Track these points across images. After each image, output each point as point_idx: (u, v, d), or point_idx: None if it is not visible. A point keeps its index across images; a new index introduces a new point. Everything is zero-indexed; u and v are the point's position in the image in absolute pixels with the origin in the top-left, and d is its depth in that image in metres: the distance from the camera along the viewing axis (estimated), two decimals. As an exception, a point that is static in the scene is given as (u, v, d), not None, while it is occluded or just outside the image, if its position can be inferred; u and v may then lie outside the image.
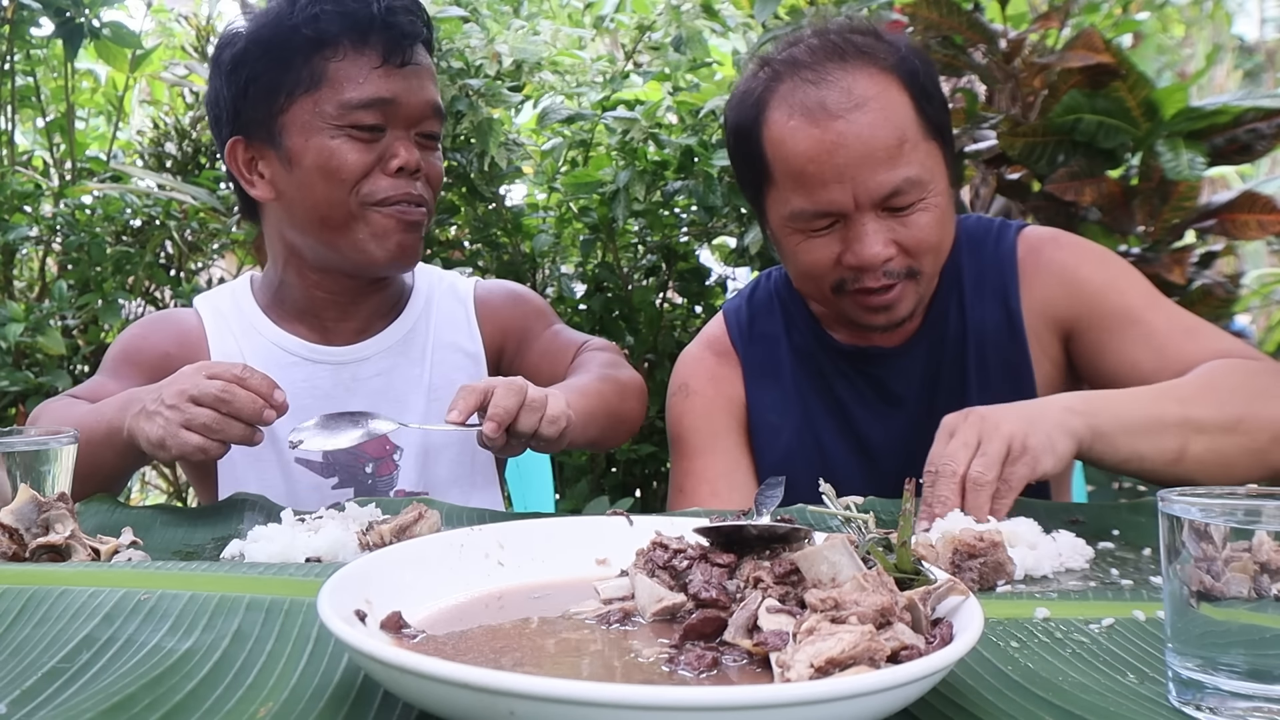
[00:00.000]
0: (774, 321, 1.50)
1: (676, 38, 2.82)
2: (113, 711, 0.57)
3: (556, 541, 0.86)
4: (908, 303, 1.34)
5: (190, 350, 1.46)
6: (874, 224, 1.28)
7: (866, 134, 1.25)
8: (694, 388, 1.50)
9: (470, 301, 1.57)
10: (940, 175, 1.32)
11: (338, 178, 1.34)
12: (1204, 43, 5.39)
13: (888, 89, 1.28)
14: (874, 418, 1.44)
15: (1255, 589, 0.61)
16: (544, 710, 0.50)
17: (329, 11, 1.33)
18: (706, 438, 1.47)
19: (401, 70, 1.34)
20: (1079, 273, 1.38)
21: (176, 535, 1.10)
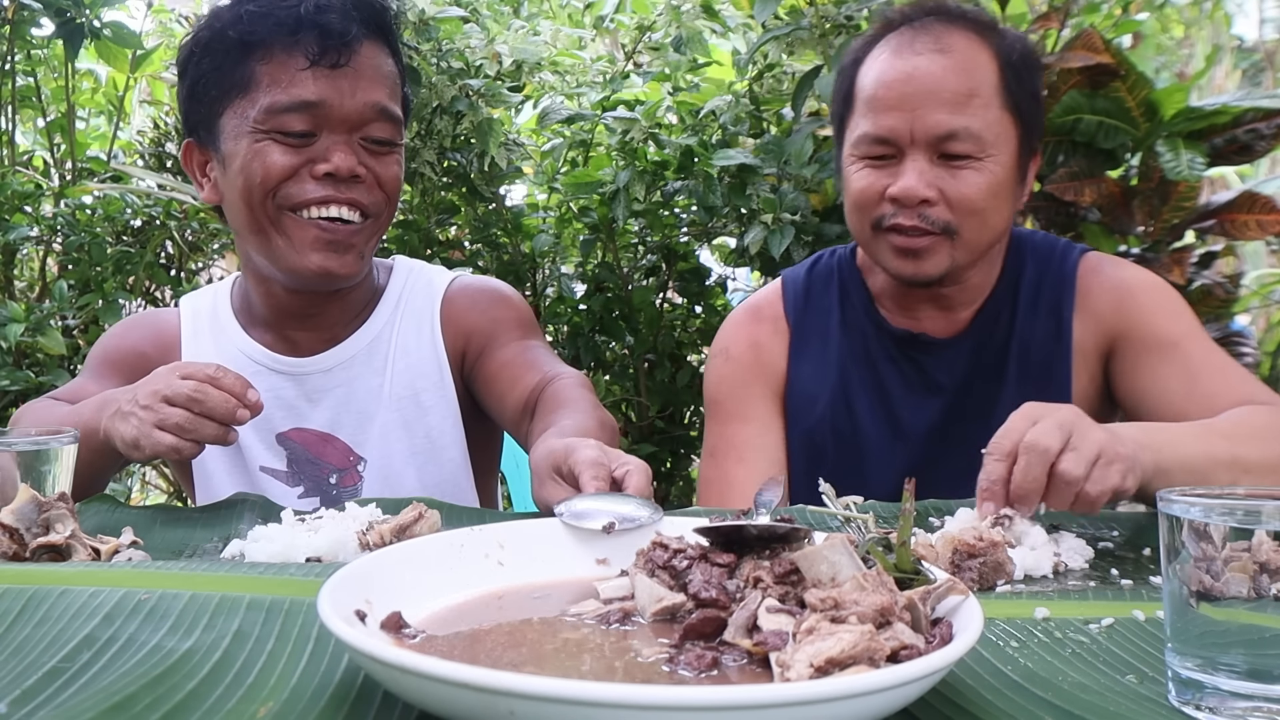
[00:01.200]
0: (829, 295, 1.53)
1: (676, 38, 2.82)
2: (113, 711, 0.57)
3: (556, 541, 0.86)
4: (938, 260, 1.36)
5: (165, 351, 1.46)
6: (924, 164, 1.33)
7: (939, 73, 1.32)
8: (734, 353, 1.55)
9: (438, 301, 1.50)
10: (1005, 150, 1.34)
11: (255, 179, 1.30)
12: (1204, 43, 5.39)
13: (978, 50, 1.35)
14: (914, 402, 1.47)
15: (1255, 589, 0.61)
16: (544, 710, 0.50)
17: (252, 13, 1.29)
18: (741, 404, 1.52)
19: (334, 72, 1.28)
20: (1131, 292, 1.41)
21: (176, 535, 1.10)
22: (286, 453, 1.44)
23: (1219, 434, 1.16)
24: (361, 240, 1.35)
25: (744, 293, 2.92)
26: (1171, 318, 1.39)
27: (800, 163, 2.32)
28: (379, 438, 1.44)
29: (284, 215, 1.32)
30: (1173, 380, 1.33)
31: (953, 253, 1.36)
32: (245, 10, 1.29)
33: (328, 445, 1.44)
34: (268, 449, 1.44)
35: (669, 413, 2.77)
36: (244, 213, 1.33)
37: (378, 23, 1.34)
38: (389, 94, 1.34)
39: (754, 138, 2.59)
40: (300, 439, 1.44)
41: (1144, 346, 1.37)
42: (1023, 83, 1.36)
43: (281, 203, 1.31)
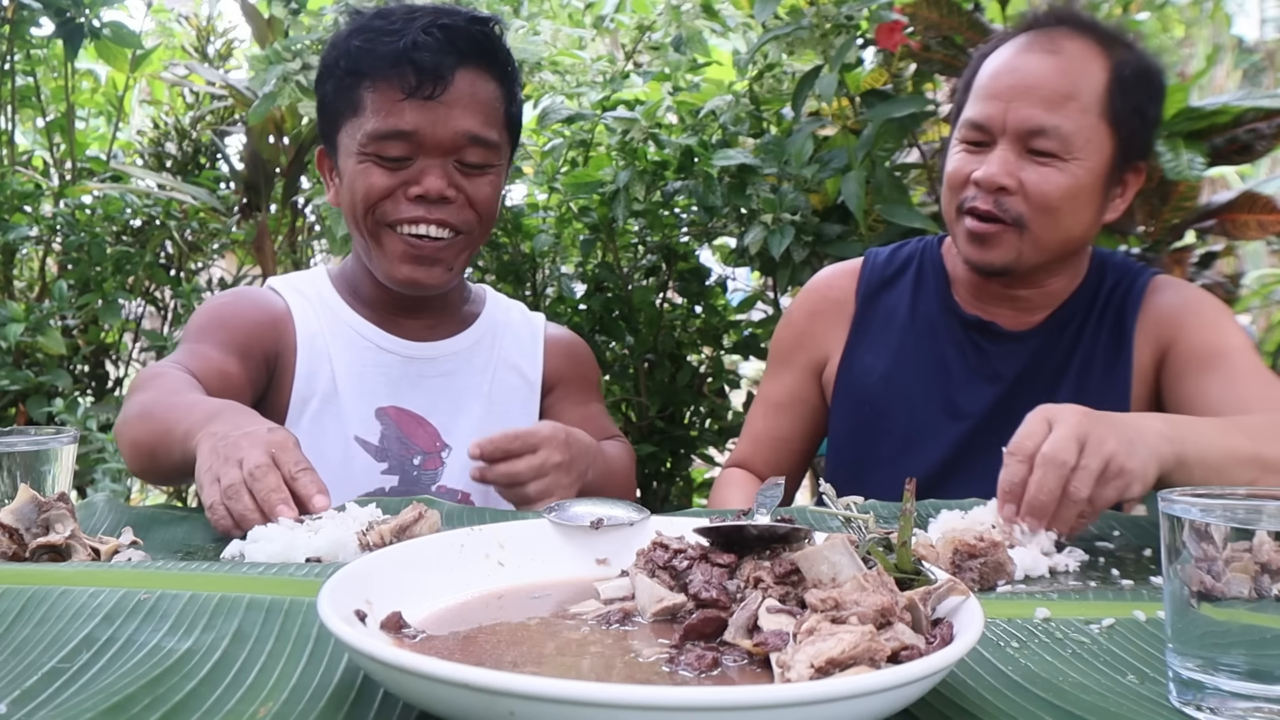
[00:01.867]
0: (906, 279, 1.59)
1: (676, 38, 2.81)
2: (113, 711, 0.57)
3: (556, 541, 0.86)
4: (1004, 250, 1.40)
5: (279, 327, 1.50)
6: (1010, 154, 1.38)
7: (1043, 71, 1.37)
8: (794, 319, 1.67)
9: (540, 334, 1.66)
10: (1097, 155, 1.38)
11: (358, 197, 1.42)
12: (1204, 43, 5.38)
13: (1090, 58, 1.39)
14: (970, 386, 1.51)
15: (1256, 589, 0.61)
16: (544, 710, 0.50)
17: (358, 48, 1.41)
18: (781, 363, 1.66)
19: (428, 103, 1.38)
20: (1188, 305, 1.46)
21: (176, 535, 1.10)
22: (381, 428, 1.51)
23: (1242, 431, 1.17)
24: (450, 255, 1.46)
25: (744, 292, 2.92)
26: (1221, 332, 1.42)
27: (800, 163, 2.32)
28: (467, 431, 1.52)
29: (381, 229, 1.44)
30: (1212, 387, 1.35)
31: (1020, 245, 1.40)
32: (353, 44, 1.42)
33: (419, 428, 1.53)
34: (364, 421, 1.50)
35: (669, 413, 2.76)
36: (350, 222, 1.47)
37: (477, 50, 1.42)
38: (484, 120, 1.43)
39: (754, 138, 2.59)
40: (396, 417, 1.52)
41: (1191, 357, 1.40)
42: (1129, 97, 1.39)
43: (379, 219, 1.43)
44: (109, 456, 2.50)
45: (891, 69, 2.39)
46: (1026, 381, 1.49)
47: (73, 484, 1.10)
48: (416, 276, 1.44)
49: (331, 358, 1.50)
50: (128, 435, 1.28)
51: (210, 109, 3.56)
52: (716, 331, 2.77)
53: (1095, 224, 1.45)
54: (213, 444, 1.09)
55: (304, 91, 2.54)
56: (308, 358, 1.49)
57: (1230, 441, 1.14)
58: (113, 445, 2.50)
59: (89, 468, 2.54)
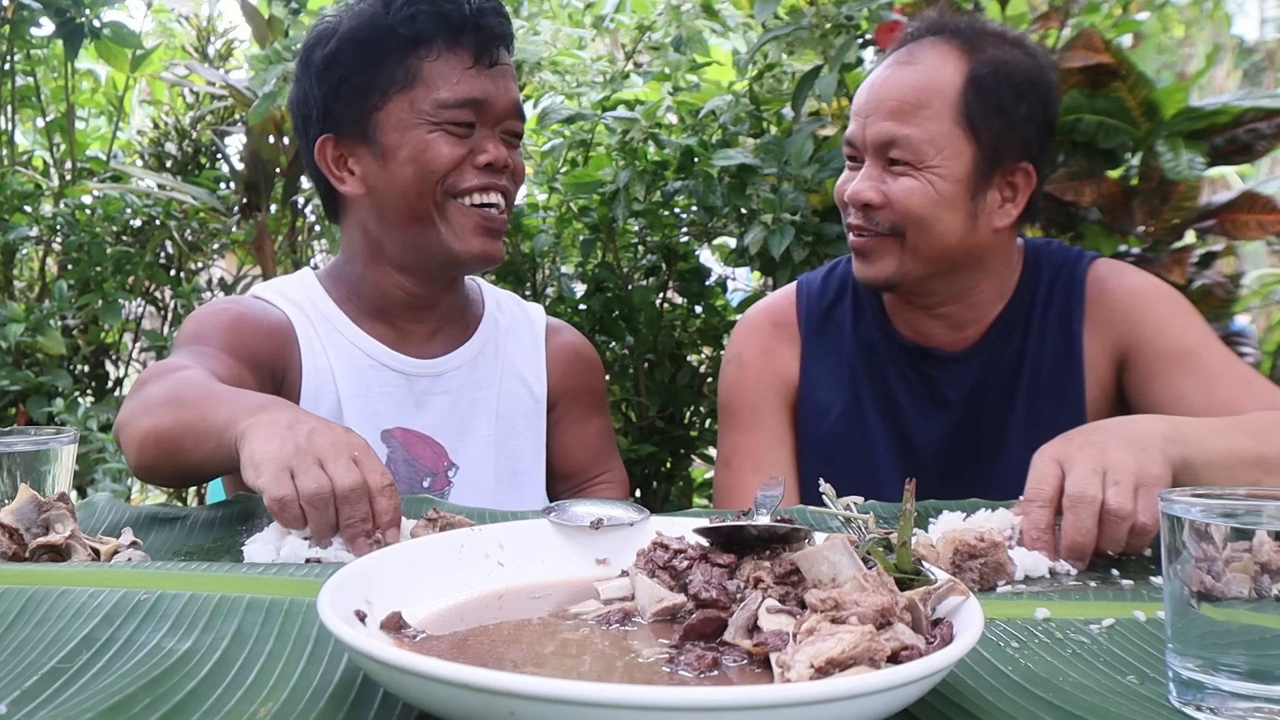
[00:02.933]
0: (844, 305, 1.55)
1: (676, 38, 2.81)
2: (113, 711, 0.57)
3: (556, 541, 0.86)
4: (886, 263, 1.39)
5: (285, 343, 1.42)
6: (871, 169, 1.38)
7: (894, 84, 1.37)
8: (746, 359, 1.56)
9: (541, 340, 1.60)
10: (953, 162, 1.35)
11: (429, 168, 1.37)
12: (1204, 43, 5.39)
13: (944, 64, 1.37)
14: (922, 416, 1.47)
15: (1255, 589, 0.61)
16: (544, 710, 0.50)
17: (425, 12, 1.36)
18: (754, 412, 1.53)
19: (490, 71, 1.38)
20: (1141, 303, 1.41)
21: (176, 535, 1.09)
22: (388, 450, 1.45)
23: (1244, 431, 1.15)
24: (507, 225, 1.45)
25: (744, 292, 2.92)
26: (1184, 327, 1.38)
27: (800, 163, 2.32)
28: (475, 448, 1.49)
29: (449, 202, 1.39)
30: (1189, 390, 1.32)
31: (900, 256, 1.38)
32: (418, 9, 1.36)
33: (426, 448, 1.48)
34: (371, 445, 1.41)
35: (669, 413, 2.77)
36: (411, 200, 1.38)
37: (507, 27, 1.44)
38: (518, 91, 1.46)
39: (754, 138, 2.59)
40: (403, 438, 1.47)
41: (1158, 358, 1.37)
42: (987, 98, 1.35)
43: (449, 190, 1.38)
44: (109, 456, 2.50)
45: (891, 69, 2.38)
46: (977, 403, 1.45)
47: (73, 484, 1.10)
48: (489, 250, 1.41)
49: (335, 379, 1.43)
50: (145, 423, 1.15)
51: (210, 109, 3.56)
52: (716, 331, 2.77)
53: (976, 230, 1.39)
54: (276, 431, 1.00)
55: (304, 91, 2.54)
56: (313, 377, 1.42)
57: (1233, 442, 1.13)
58: (113, 445, 2.50)
59: (89, 468, 2.54)
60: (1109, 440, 1.04)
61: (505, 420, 1.52)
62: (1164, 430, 1.08)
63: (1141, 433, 1.07)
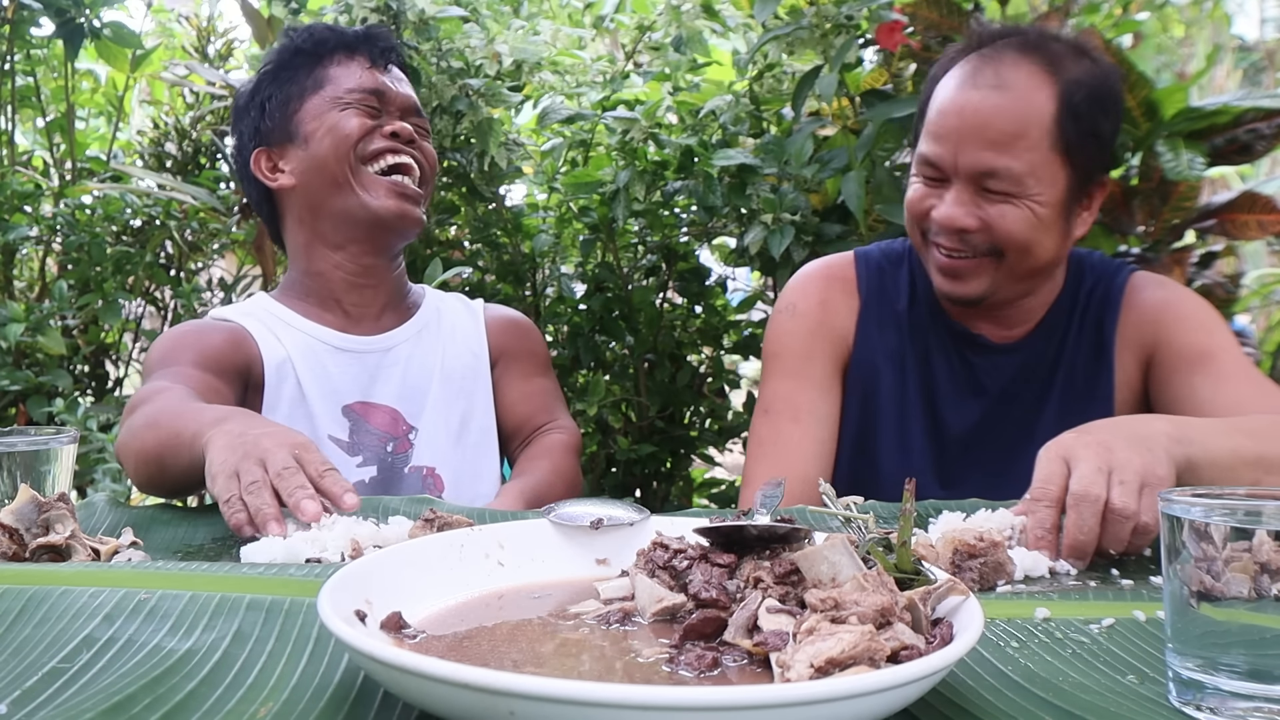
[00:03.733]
0: (900, 278, 1.56)
1: (676, 38, 2.81)
2: (113, 711, 0.57)
3: (556, 541, 0.86)
4: (979, 282, 1.40)
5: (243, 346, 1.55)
6: (965, 194, 1.37)
7: (989, 112, 1.35)
8: (801, 309, 1.55)
9: (480, 315, 1.77)
10: (1052, 187, 1.36)
11: (342, 134, 1.57)
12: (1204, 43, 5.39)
13: (1037, 89, 1.35)
14: (958, 401, 1.50)
15: (1255, 589, 0.61)
16: (544, 710, 0.50)
17: (321, 30, 1.66)
18: (803, 361, 1.51)
19: (387, 72, 1.66)
20: (1170, 306, 1.45)
21: (176, 535, 1.10)
22: (349, 424, 1.59)
23: (1245, 432, 1.16)
24: (424, 195, 1.64)
25: (744, 292, 2.92)
26: (1207, 333, 1.41)
27: (800, 163, 2.32)
28: (430, 410, 1.64)
29: (362, 170, 1.59)
30: (1202, 389, 1.35)
31: (995, 275, 1.40)
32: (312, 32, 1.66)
33: (385, 416, 1.62)
34: (334, 420, 1.58)
35: (669, 413, 2.76)
36: (331, 169, 1.58)
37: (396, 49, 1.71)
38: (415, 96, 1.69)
39: (754, 138, 2.59)
40: (362, 411, 1.61)
41: (1178, 359, 1.40)
42: (1081, 123, 1.36)
43: (360, 155, 1.58)
44: (109, 456, 2.50)
45: (891, 69, 2.39)
46: (1012, 396, 1.48)
47: (73, 484, 1.10)
48: (404, 209, 1.58)
49: (294, 366, 1.57)
50: (134, 446, 1.27)
51: (210, 109, 3.56)
52: (716, 331, 2.77)
53: (1065, 244, 1.44)
54: (229, 440, 1.09)
55: (304, 91, 2.54)
56: (274, 369, 1.56)
57: (1234, 442, 1.13)
58: (113, 445, 2.50)
59: (89, 468, 2.54)
60: (1115, 439, 1.04)
61: (453, 381, 1.67)
62: (1169, 430, 1.08)
63: (1147, 432, 1.07)
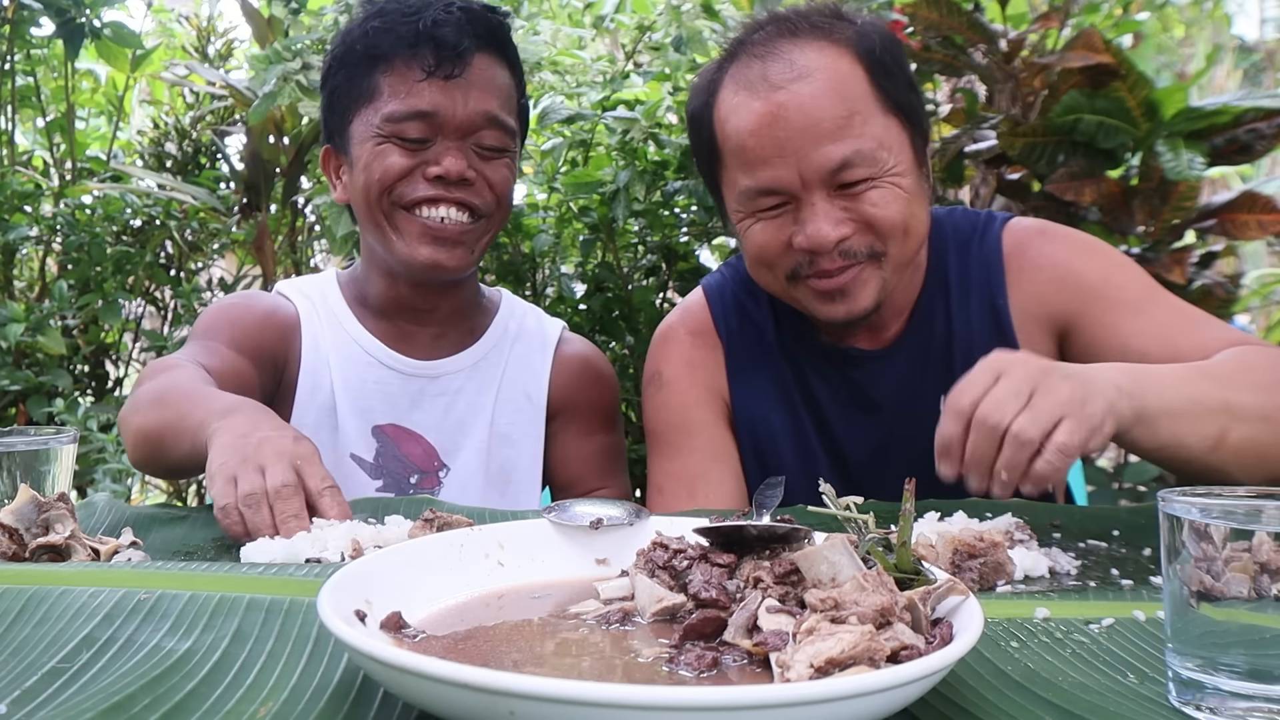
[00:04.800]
0: (760, 306, 1.41)
1: (676, 38, 2.81)
2: (113, 711, 0.57)
3: (556, 541, 0.86)
4: (869, 290, 1.24)
5: (288, 336, 1.48)
6: (824, 204, 1.20)
7: (809, 104, 1.19)
8: (668, 376, 1.41)
9: (552, 349, 1.58)
10: (902, 153, 1.23)
11: (374, 179, 1.39)
12: (1204, 43, 5.39)
13: (837, 61, 1.21)
14: (849, 423, 1.36)
15: (1255, 589, 0.61)
16: (544, 710, 0.50)
17: (377, 29, 1.39)
18: (682, 435, 1.38)
19: (448, 83, 1.37)
20: (1071, 266, 1.30)
21: (176, 535, 1.09)
22: (377, 445, 1.48)
23: (1210, 377, 1.07)
24: (471, 238, 1.43)
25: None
26: (1121, 285, 1.28)
27: (800, 163, 2.32)
28: (468, 453, 1.50)
29: (397, 212, 1.41)
30: (1148, 345, 1.21)
31: (881, 275, 1.25)
32: (370, 26, 1.40)
33: (417, 445, 1.50)
34: (361, 438, 1.48)
35: (669, 413, 2.76)
36: (364, 209, 1.43)
37: (492, 36, 1.42)
38: (500, 104, 1.42)
39: (754, 138, 2.58)
40: (394, 434, 1.49)
41: (1103, 322, 1.26)
42: (894, 76, 1.23)
43: (395, 200, 1.40)
44: (109, 456, 2.50)
45: (891, 69, 2.38)
46: (908, 404, 1.32)
47: (73, 484, 1.10)
48: (438, 258, 1.40)
49: (332, 371, 1.47)
50: (136, 421, 1.23)
51: (210, 109, 3.56)
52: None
53: (928, 210, 1.29)
54: (231, 440, 1.06)
55: (304, 91, 2.54)
56: (311, 369, 1.47)
57: (1196, 390, 1.04)
58: (113, 445, 2.50)
59: (89, 468, 2.54)
60: (1055, 369, 0.96)
61: (500, 430, 1.52)
62: (1120, 381, 1.00)
63: (1095, 376, 0.99)
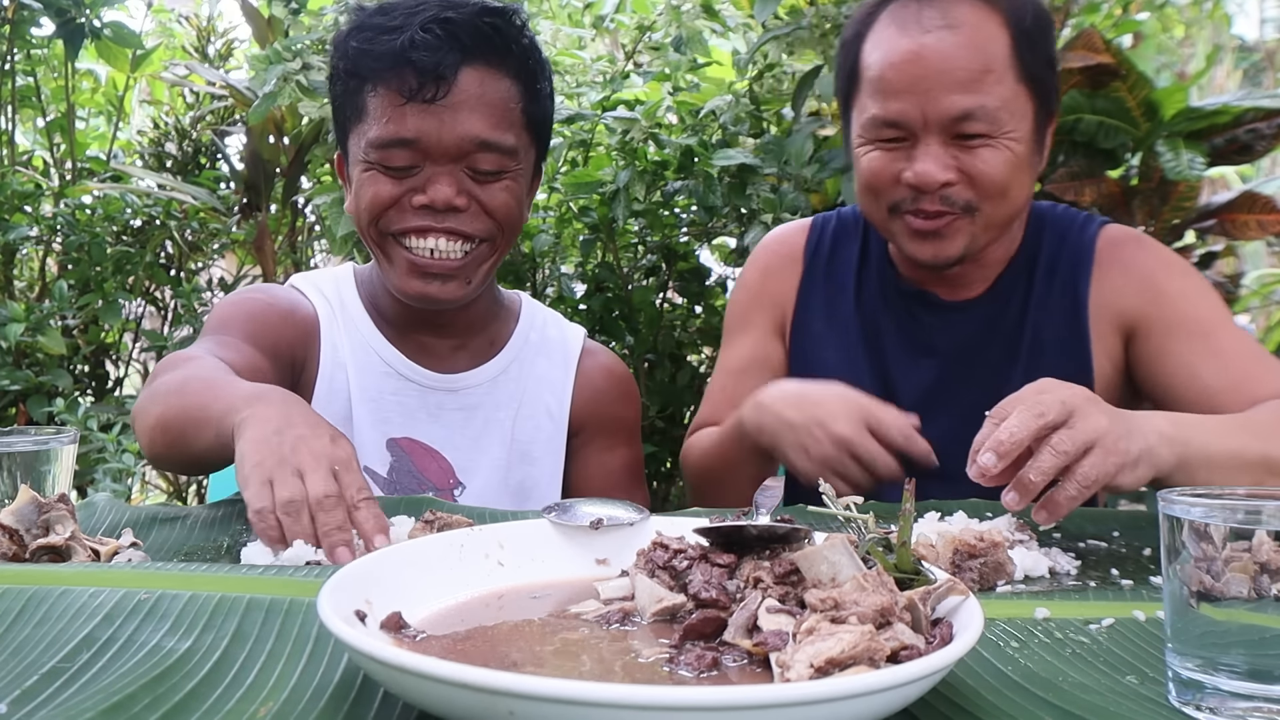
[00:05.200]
0: (853, 244, 1.52)
1: (676, 38, 2.81)
2: (113, 711, 0.57)
3: (556, 541, 0.86)
4: (959, 240, 1.32)
5: (307, 336, 1.42)
6: (938, 147, 1.28)
7: (950, 52, 1.26)
8: (745, 279, 1.59)
9: (573, 363, 1.53)
10: (1023, 121, 1.30)
11: (363, 206, 1.33)
12: (1204, 43, 5.38)
13: (987, 20, 1.28)
14: (907, 364, 1.43)
15: (1255, 589, 0.61)
16: (544, 710, 0.50)
17: (355, 49, 1.31)
18: (738, 327, 1.56)
19: (431, 106, 1.27)
20: (1155, 274, 1.36)
21: (176, 535, 1.09)
22: (392, 459, 1.42)
23: (1250, 431, 1.11)
24: (468, 269, 1.35)
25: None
26: (1196, 303, 1.33)
27: (800, 163, 2.32)
28: (485, 469, 1.45)
29: (387, 240, 1.35)
30: (1203, 366, 1.27)
31: (973, 230, 1.32)
32: (351, 45, 1.31)
33: (432, 461, 1.44)
34: (375, 451, 1.42)
35: (669, 413, 2.77)
36: (360, 232, 1.38)
37: (486, 45, 1.31)
38: (495, 122, 1.31)
39: (754, 138, 2.59)
40: (409, 449, 1.43)
41: (1169, 333, 1.31)
42: (1036, 50, 1.30)
43: (384, 228, 1.34)
44: (109, 456, 2.50)
45: (891, 69, 2.38)
46: (969, 357, 1.40)
47: (73, 484, 1.10)
48: (429, 291, 1.34)
49: (349, 379, 1.42)
50: (155, 411, 1.17)
51: (210, 109, 3.57)
52: (716, 331, 2.77)
53: (1032, 188, 1.37)
54: (262, 434, 1.00)
55: (304, 91, 2.55)
56: (329, 375, 1.42)
57: (1238, 443, 1.09)
58: (113, 445, 2.50)
59: (89, 468, 2.54)
60: (1100, 403, 0.99)
61: (520, 445, 1.48)
62: (1164, 429, 1.04)
63: (1139, 419, 1.02)
